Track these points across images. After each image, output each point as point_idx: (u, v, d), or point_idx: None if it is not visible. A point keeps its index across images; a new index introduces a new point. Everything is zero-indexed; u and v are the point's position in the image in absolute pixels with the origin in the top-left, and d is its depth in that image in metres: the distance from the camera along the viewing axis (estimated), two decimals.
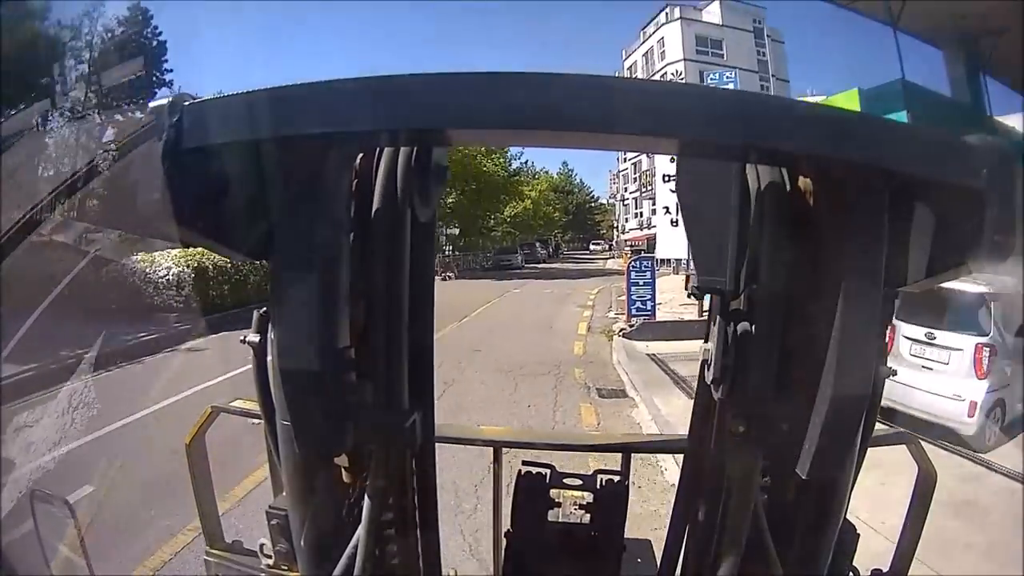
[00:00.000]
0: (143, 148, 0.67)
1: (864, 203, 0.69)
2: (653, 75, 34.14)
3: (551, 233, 54.49)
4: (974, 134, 0.65)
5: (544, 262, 43.51)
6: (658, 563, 1.26)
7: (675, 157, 0.83)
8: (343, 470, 0.83)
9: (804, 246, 0.75)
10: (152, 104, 0.67)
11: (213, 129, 0.67)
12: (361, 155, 0.82)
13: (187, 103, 0.67)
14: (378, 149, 0.82)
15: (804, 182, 0.77)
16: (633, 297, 12.22)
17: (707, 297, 0.89)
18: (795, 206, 0.78)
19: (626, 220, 48.85)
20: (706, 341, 0.93)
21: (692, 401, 1.08)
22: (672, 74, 32.51)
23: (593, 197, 67.50)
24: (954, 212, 0.66)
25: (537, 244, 46.28)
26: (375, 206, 0.81)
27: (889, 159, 0.65)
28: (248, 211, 0.71)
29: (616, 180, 52.39)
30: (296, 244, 0.72)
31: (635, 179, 41.38)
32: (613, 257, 49.70)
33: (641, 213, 45.39)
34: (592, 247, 67.01)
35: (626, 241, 46.81)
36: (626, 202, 48.46)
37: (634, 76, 36.20)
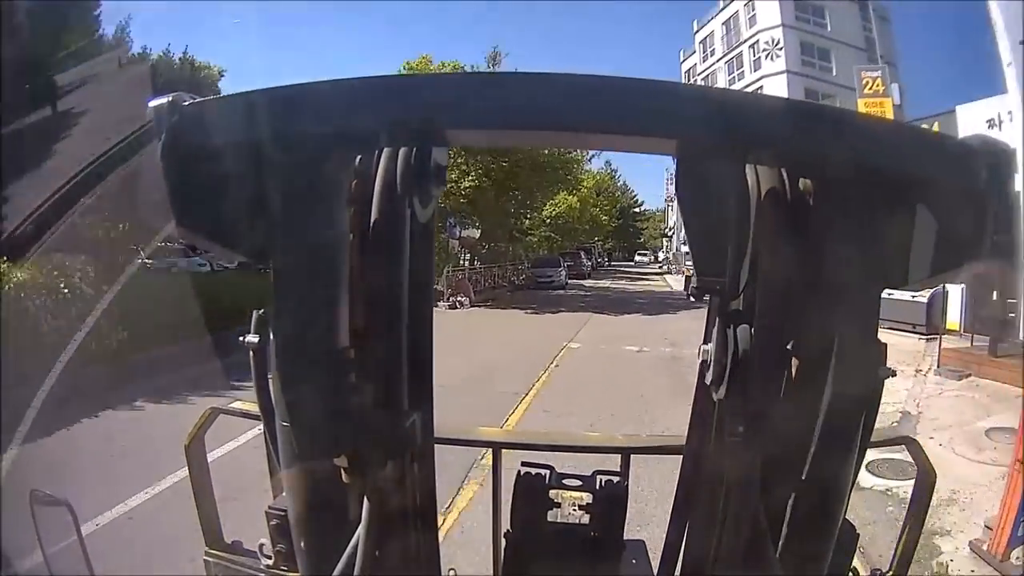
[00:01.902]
0: (142, 147, 0.67)
1: (863, 203, 0.69)
2: (739, 45, 29.18)
3: (593, 240, 43.64)
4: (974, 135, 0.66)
5: (588, 277, 33.50)
6: (653, 562, 1.26)
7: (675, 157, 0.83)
8: (343, 470, 0.83)
9: (804, 246, 0.76)
10: (152, 104, 0.67)
11: (212, 129, 0.67)
12: (360, 155, 0.82)
13: (186, 103, 0.67)
14: (377, 149, 0.82)
15: (804, 182, 0.77)
16: None
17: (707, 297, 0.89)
18: (795, 206, 0.78)
19: None
20: (705, 341, 0.93)
21: None
22: (766, 43, 26.85)
23: (636, 201, 59.41)
24: (954, 212, 0.66)
25: (582, 253, 35.81)
26: (375, 206, 0.81)
27: (889, 159, 0.65)
28: (247, 211, 0.71)
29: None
30: (296, 244, 0.72)
31: None
32: (668, 272, 42.15)
33: None
34: (637, 258, 59.63)
35: (686, 254, 39.48)
36: None
37: (710, 49, 31.96)
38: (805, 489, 0.78)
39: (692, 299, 0.80)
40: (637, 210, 59.90)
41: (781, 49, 26.73)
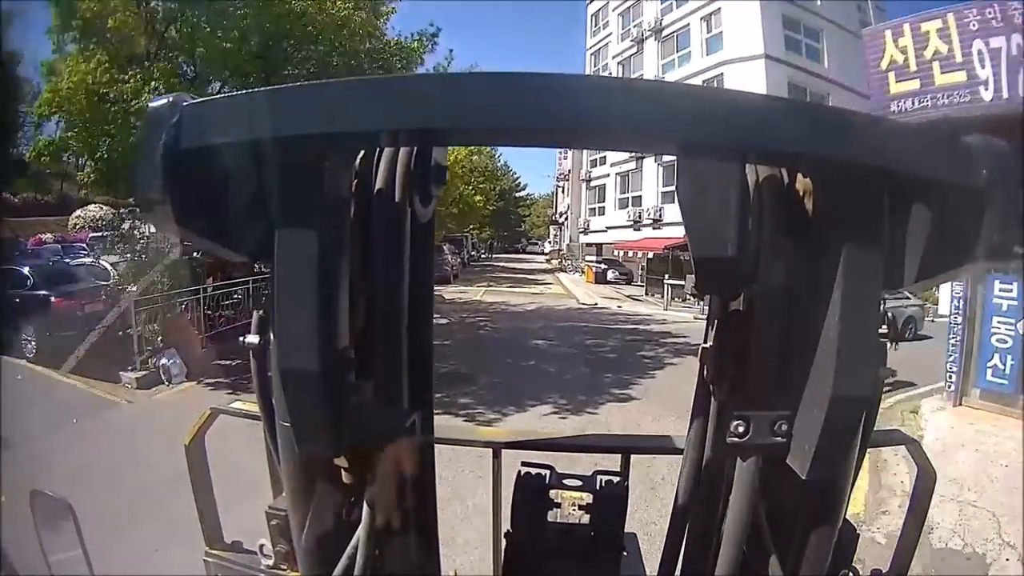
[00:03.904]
0: (143, 148, 0.67)
1: (864, 203, 0.69)
2: None
3: (466, 229, 35.92)
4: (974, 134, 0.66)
5: (454, 279, 26.51)
6: (646, 555, 1.26)
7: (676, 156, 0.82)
8: (343, 470, 0.83)
9: (804, 246, 0.76)
10: (152, 104, 0.68)
11: (212, 129, 0.67)
12: (361, 155, 0.82)
13: (186, 103, 0.67)
14: (378, 149, 0.83)
15: (804, 182, 0.77)
16: None
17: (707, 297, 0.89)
18: (795, 206, 0.78)
19: (592, 212, 33.55)
20: (706, 341, 0.93)
21: None
22: None
23: (519, 185, 52.32)
24: (954, 212, 0.66)
25: (446, 247, 27.64)
26: (375, 206, 0.82)
27: (889, 159, 0.65)
28: (248, 211, 0.71)
29: (570, 153, 34.35)
30: (296, 244, 0.72)
31: None
32: (562, 269, 34.96)
33: (640, 199, 28.40)
34: (527, 250, 51.35)
35: (588, 246, 32.26)
36: (592, 184, 33.65)
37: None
38: (805, 489, 0.78)
39: (695, 299, 0.80)
40: (520, 194, 52.68)
41: None
